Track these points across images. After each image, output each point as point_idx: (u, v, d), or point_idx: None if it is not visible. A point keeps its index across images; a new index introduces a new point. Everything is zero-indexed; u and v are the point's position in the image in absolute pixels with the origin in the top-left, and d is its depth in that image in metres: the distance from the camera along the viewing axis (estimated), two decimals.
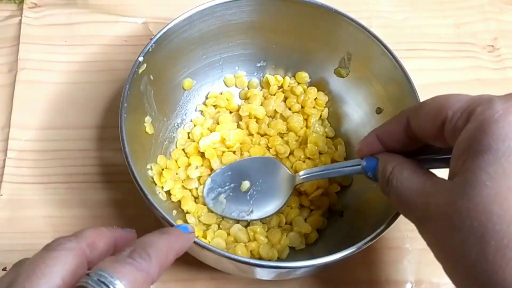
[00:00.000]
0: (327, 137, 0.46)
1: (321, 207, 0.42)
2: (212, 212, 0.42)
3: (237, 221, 0.41)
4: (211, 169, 0.43)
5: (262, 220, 0.41)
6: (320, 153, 0.44)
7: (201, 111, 0.46)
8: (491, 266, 0.23)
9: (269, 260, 0.39)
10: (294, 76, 0.47)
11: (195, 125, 0.45)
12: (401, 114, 0.31)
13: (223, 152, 0.43)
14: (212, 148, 0.43)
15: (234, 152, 0.44)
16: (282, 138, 0.45)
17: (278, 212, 0.41)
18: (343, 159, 0.44)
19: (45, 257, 0.24)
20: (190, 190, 0.42)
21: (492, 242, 0.23)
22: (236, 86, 0.48)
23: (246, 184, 0.41)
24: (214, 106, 0.46)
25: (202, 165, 0.43)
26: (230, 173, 0.42)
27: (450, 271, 0.26)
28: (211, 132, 0.44)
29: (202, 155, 0.43)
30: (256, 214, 0.41)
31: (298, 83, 0.47)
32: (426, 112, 0.28)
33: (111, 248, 0.27)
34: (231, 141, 0.43)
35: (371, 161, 0.32)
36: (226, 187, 0.42)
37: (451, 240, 0.25)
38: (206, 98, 0.47)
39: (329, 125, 0.46)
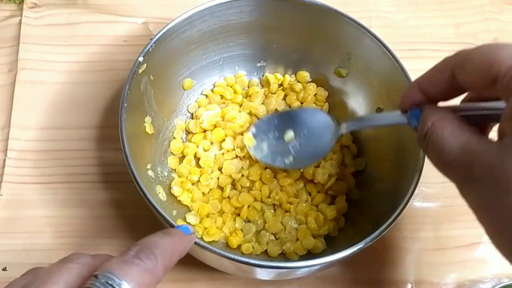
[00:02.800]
0: None
1: (340, 191, 0.43)
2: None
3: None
4: (221, 148, 0.44)
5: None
6: None
7: (206, 95, 0.46)
8: None
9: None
10: (294, 75, 0.47)
11: (199, 106, 0.46)
12: (445, 63, 0.29)
13: (234, 132, 0.44)
14: (214, 121, 0.44)
15: (242, 134, 0.44)
16: None
17: (317, 161, 0.42)
18: (351, 142, 0.45)
19: (61, 267, 0.24)
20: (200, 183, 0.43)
21: None
22: None
23: (290, 134, 0.41)
24: (220, 96, 0.47)
25: (212, 143, 0.44)
26: (276, 121, 0.42)
27: (494, 234, 0.25)
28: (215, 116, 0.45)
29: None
30: (295, 164, 0.41)
31: (299, 82, 0.47)
32: (475, 65, 0.26)
33: None
34: (241, 120, 0.44)
35: (415, 112, 0.30)
36: (270, 135, 0.41)
37: (498, 203, 0.23)
38: (214, 86, 0.47)
39: None
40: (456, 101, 0.31)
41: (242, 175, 0.43)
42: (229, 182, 0.43)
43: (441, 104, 0.31)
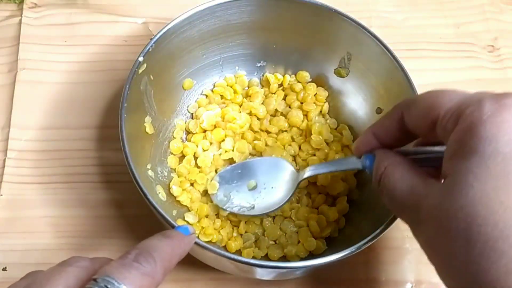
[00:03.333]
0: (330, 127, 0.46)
1: (341, 192, 0.43)
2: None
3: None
4: (220, 148, 0.44)
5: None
6: (327, 143, 0.44)
7: (206, 95, 0.46)
8: (477, 268, 0.22)
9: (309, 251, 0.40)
10: (294, 75, 0.47)
11: (199, 106, 0.46)
12: (395, 108, 0.31)
13: (234, 133, 0.44)
14: (214, 121, 0.44)
15: (242, 135, 0.45)
16: (286, 132, 0.45)
17: (279, 209, 0.41)
18: (351, 142, 0.45)
19: (60, 270, 0.24)
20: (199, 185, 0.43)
21: (477, 245, 0.22)
22: None
23: (252, 183, 0.42)
24: (220, 96, 0.47)
25: (211, 144, 0.44)
26: (239, 171, 0.42)
27: (441, 273, 0.26)
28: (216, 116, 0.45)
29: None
30: (257, 211, 0.41)
31: (299, 82, 0.47)
32: (418, 108, 0.28)
33: None
34: (241, 120, 0.44)
35: (369, 158, 0.32)
36: (233, 184, 0.42)
37: (441, 242, 0.25)
38: (214, 86, 0.47)
39: (329, 118, 0.47)
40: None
41: None
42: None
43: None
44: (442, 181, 0.26)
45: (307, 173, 0.39)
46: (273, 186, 0.41)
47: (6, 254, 0.42)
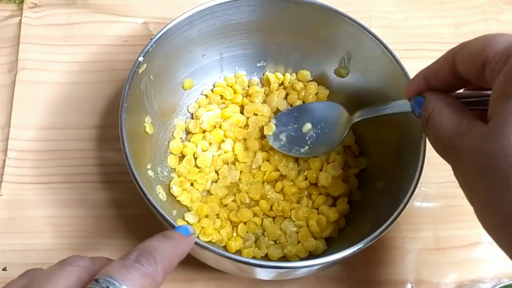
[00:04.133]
0: None
1: (342, 193, 0.43)
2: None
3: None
4: (219, 149, 0.44)
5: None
6: None
7: (206, 95, 0.46)
8: None
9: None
10: (295, 74, 0.47)
11: (199, 107, 0.46)
12: (448, 52, 0.30)
13: (234, 133, 0.44)
14: (214, 122, 0.44)
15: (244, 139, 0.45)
16: None
17: (331, 150, 0.43)
18: (353, 142, 0.45)
19: (60, 269, 0.24)
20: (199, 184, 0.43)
21: None
22: None
23: (308, 126, 0.43)
24: (220, 96, 0.47)
25: (210, 144, 0.44)
26: (295, 114, 0.44)
27: (479, 213, 0.26)
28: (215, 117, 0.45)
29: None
30: (310, 152, 0.43)
31: (299, 81, 0.47)
32: (470, 51, 0.28)
33: None
34: (242, 122, 0.45)
35: (418, 100, 0.31)
36: (289, 127, 0.44)
37: (479, 182, 0.25)
38: (214, 86, 0.47)
39: None
40: None
41: (240, 191, 0.43)
42: (225, 192, 0.43)
43: None
44: None
45: (357, 116, 0.40)
46: (327, 129, 0.43)
47: (6, 254, 0.42)
